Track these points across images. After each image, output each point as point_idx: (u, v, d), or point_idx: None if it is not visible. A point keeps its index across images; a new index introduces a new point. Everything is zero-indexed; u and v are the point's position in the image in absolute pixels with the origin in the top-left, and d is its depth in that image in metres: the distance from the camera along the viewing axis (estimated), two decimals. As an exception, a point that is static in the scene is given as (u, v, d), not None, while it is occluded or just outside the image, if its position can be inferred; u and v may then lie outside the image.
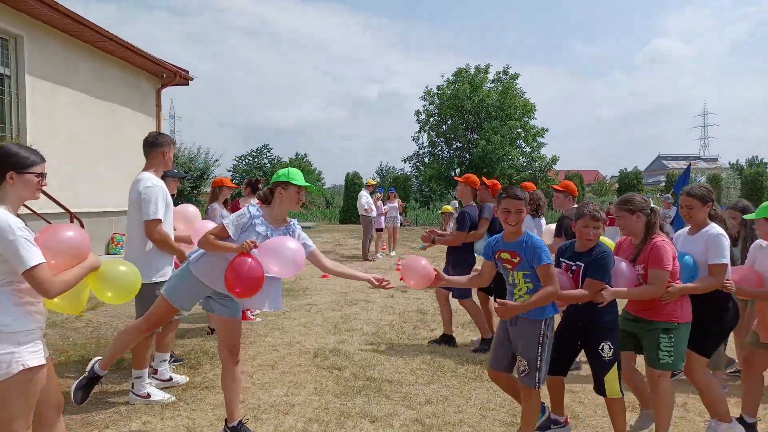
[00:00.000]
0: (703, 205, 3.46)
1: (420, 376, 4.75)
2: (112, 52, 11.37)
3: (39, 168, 2.40)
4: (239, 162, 47.66)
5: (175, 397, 4.09)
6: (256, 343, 5.70)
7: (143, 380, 4.01)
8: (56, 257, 2.41)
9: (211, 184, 6.25)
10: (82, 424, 3.63)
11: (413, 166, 35.34)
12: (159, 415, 3.81)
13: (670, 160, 59.44)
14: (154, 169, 4.07)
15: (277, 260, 3.16)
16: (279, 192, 3.39)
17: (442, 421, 3.82)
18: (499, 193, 3.29)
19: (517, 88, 32.27)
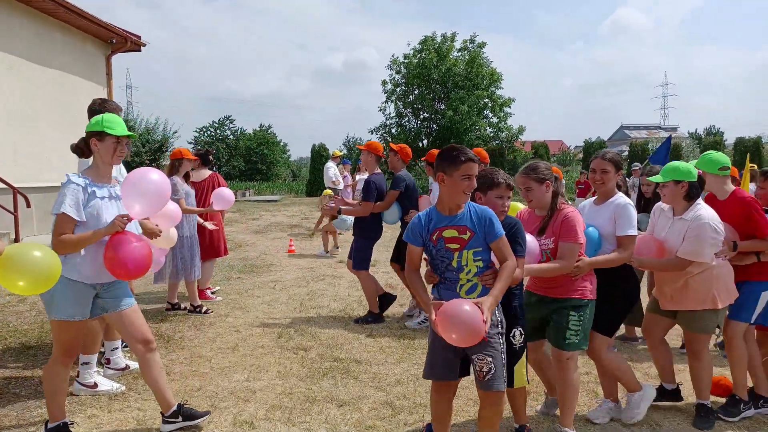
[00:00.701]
0: (616, 172, 3.25)
1: (390, 355, 4.55)
2: (55, 14, 10.50)
3: None
4: (200, 134, 46.15)
5: (125, 386, 3.77)
6: (216, 324, 5.39)
7: (91, 367, 3.67)
8: None
9: (170, 156, 5.79)
10: (17, 422, 3.29)
11: (381, 137, 34.87)
12: (106, 407, 3.49)
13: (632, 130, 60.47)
14: None
15: (145, 199, 2.95)
16: (94, 144, 2.95)
17: (413, 402, 3.63)
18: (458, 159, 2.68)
19: (484, 57, 31.96)
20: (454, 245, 2.63)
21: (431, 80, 31.42)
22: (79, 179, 2.87)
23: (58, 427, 2.97)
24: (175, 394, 3.69)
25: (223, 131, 46.66)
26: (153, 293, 6.64)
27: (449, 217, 2.66)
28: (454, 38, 31.95)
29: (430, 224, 2.68)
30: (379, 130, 34.70)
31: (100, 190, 2.92)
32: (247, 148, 43.45)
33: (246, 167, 42.25)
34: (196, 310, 5.68)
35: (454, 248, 2.63)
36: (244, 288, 7.06)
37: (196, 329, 5.18)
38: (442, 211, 2.68)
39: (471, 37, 32.04)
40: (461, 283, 2.66)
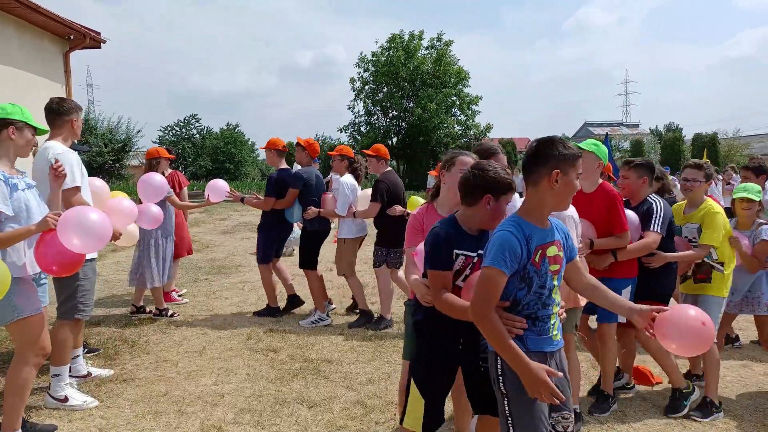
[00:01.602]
0: None
1: (361, 354, 4.53)
2: (8, 9, 10.10)
3: None
4: (165, 132, 45.22)
5: (97, 401, 3.56)
6: (183, 327, 5.26)
7: (62, 379, 3.50)
8: None
9: (146, 155, 5.63)
10: (-28, 434, 3.14)
11: (350, 136, 34.82)
12: (66, 416, 3.36)
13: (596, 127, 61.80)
14: (62, 138, 3.53)
15: (82, 234, 2.84)
16: (11, 133, 2.85)
17: (384, 401, 3.62)
18: None
19: (451, 55, 32.23)
20: (555, 266, 2.04)
21: (399, 78, 31.54)
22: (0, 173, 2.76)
23: None
24: (140, 400, 3.60)
25: (189, 130, 45.82)
26: (117, 296, 6.45)
27: (545, 230, 2.03)
28: (421, 36, 32.14)
29: (530, 241, 1.96)
30: (348, 128, 34.68)
31: (18, 182, 2.84)
32: (214, 147, 42.78)
33: (213, 166, 41.60)
34: (161, 314, 5.54)
35: (554, 270, 2.03)
36: (212, 290, 6.93)
37: (161, 333, 5.05)
38: (536, 222, 2.01)
39: (438, 35, 32.29)
40: (552, 322, 2.05)
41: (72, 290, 3.49)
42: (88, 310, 3.63)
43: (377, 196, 5.17)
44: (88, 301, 3.59)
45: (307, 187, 5.51)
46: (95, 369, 4.03)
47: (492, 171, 2.20)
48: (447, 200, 2.71)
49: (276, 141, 5.68)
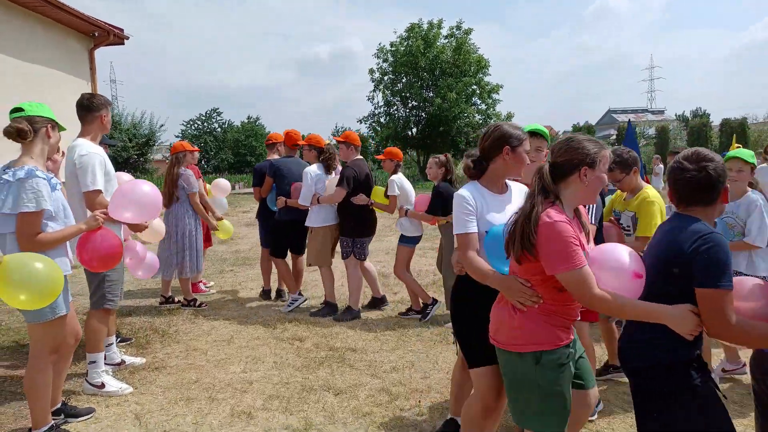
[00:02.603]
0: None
1: (385, 343, 4.59)
2: (34, 7, 10.33)
3: None
4: (187, 127, 45.79)
5: (131, 387, 3.69)
6: (211, 317, 5.40)
7: (98, 366, 3.63)
8: None
9: (171, 150, 5.73)
10: (15, 418, 3.29)
11: (369, 127, 34.81)
12: (104, 401, 3.50)
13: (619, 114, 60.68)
14: (92, 135, 3.62)
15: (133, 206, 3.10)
16: (48, 133, 2.88)
17: (408, 388, 3.68)
18: None
19: (471, 43, 31.90)
20: None
21: (419, 68, 31.35)
22: (41, 173, 2.77)
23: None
24: (172, 387, 3.72)
25: (211, 124, 46.31)
26: (146, 288, 6.62)
27: None
28: (440, 25, 31.87)
29: None
30: (367, 119, 34.63)
31: (55, 182, 2.87)
32: (235, 141, 43.18)
33: (235, 160, 42.02)
34: (189, 304, 5.68)
35: None
36: (238, 280, 7.06)
37: (190, 323, 5.19)
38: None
39: (457, 24, 31.97)
40: None
41: (99, 281, 3.60)
42: (116, 300, 3.73)
43: (342, 181, 5.15)
44: (115, 291, 3.69)
45: (276, 176, 5.64)
46: (128, 357, 4.17)
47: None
48: (575, 199, 2.09)
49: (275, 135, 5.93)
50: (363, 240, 5.32)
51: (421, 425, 3.19)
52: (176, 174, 5.48)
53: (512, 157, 2.39)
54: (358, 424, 3.21)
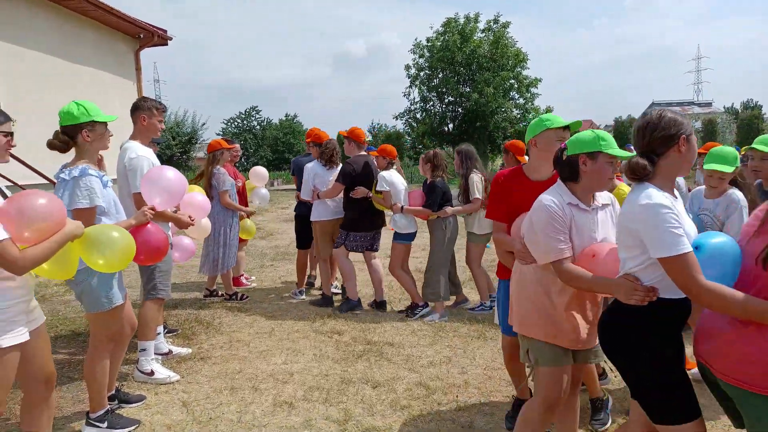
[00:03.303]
0: None
1: (422, 338, 4.63)
2: (84, 11, 10.77)
3: (5, 127, 2.35)
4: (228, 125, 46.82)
5: (178, 376, 3.85)
6: (252, 309, 5.55)
7: (148, 354, 3.81)
8: (25, 229, 2.13)
9: (208, 148, 5.88)
10: (73, 402, 3.49)
11: (405, 123, 34.76)
12: (153, 389, 3.67)
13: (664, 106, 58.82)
14: (139, 137, 3.77)
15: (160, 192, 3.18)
16: (86, 135, 2.88)
17: (446, 383, 3.71)
18: None
19: (509, 37, 31.42)
20: None
21: (455, 63, 31.08)
22: (93, 170, 2.89)
23: (100, 417, 3.08)
24: (217, 377, 3.86)
25: (250, 122, 47.20)
26: (190, 282, 6.85)
27: None
28: (477, 19, 31.48)
29: None
30: (403, 115, 34.57)
31: (106, 178, 2.98)
32: (274, 138, 43.89)
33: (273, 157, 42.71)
34: (231, 298, 5.85)
35: None
36: (277, 275, 7.23)
37: (233, 315, 5.35)
38: None
39: (495, 17, 31.52)
40: None
41: (151, 272, 3.77)
42: (167, 290, 3.89)
43: (339, 177, 5.31)
44: (165, 281, 3.86)
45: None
46: (175, 347, 4.35)
47: None
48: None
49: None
50: (358, 234, 5.39)
51: (459, 420, 3.22)
52: (210, 172, 5.63)
53: (688, 149, 2.01)
54: (396, 416, 3.26)
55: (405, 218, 5.26)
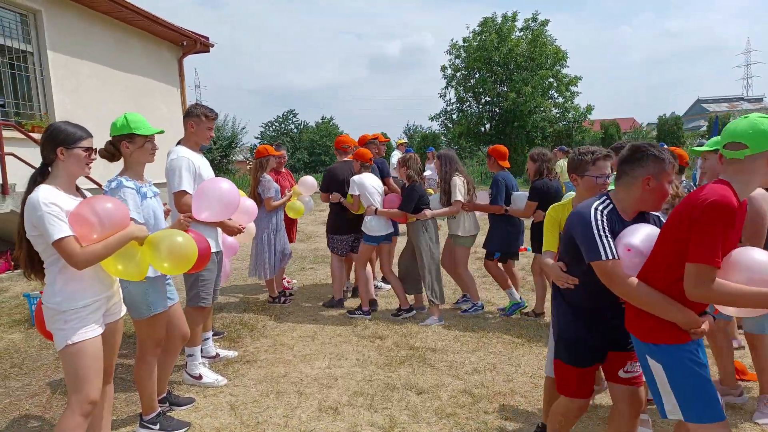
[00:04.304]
0: None
1: (465, 344, 4.58)
2: (131, 21, 11.14)
3: (86, 143, 2.49)
4: (266, 128, 47.62)
5: (225, 379, 3.92)
6: (295, 313, 5.61)
7: (195, 359, 3.91)
8: (94, 230, 2.35)
9: (255, 154, 5.97)
10: (126, 403, 3.60)
11: (441, 124, 34.62)
12: (201, 392, 3.75)
13: (710, 103, 56.53)
14: (188, 142, 3.86)
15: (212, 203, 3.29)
16: (125, 146, 2.93)
17: (491, 391, 3.66)
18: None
19: (548, 35, 30.87)
20: None
21: (492, 62, 30.74)
22: (129, 182, 2.93)
23: (153, 419, 3.17)
24: (263, 380, 3.91)
25: (287, 125, 47.87)
26: (235, 285, 6.98)
27: None
28: (515, 18, 31.06)
29: None
30: (439, 116, 34.43)
31: (147, 190, 3.03)
32: (310, 141, 44.38)
33: (310, 159, 43.18)
34: (275, 301, 5.93)
35: None
36: (318, 278, 7.28)
37: (276, 319, 5.42)
38: None
39: (533, 16, 31.03)
40: None
41: (194, 280, 3.82)
42: (209, 298, 3.91)
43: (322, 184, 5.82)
44: (207, 290, 3.88)
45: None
46: (222, 350, 4.43)
47: None
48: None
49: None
50: (337, 237, 5.71)
51: (506, 429, 3.17)
52: (257, 179, 5.72)
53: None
54: (441, 424, 3.23)
55: (376, 220, 5.33)
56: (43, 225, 2.28)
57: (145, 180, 3.09)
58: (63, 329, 2.37)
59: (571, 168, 2.95)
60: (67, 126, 2.49)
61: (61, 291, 2.38)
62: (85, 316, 2.41)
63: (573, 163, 2.93)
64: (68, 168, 2.46)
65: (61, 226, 2.29)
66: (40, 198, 2.31)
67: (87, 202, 2.41)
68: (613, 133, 30.90)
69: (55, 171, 2.46)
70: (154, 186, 3.19)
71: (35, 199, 2.31)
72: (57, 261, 2.38)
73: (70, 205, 2.37)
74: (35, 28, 9.14)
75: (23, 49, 9.00)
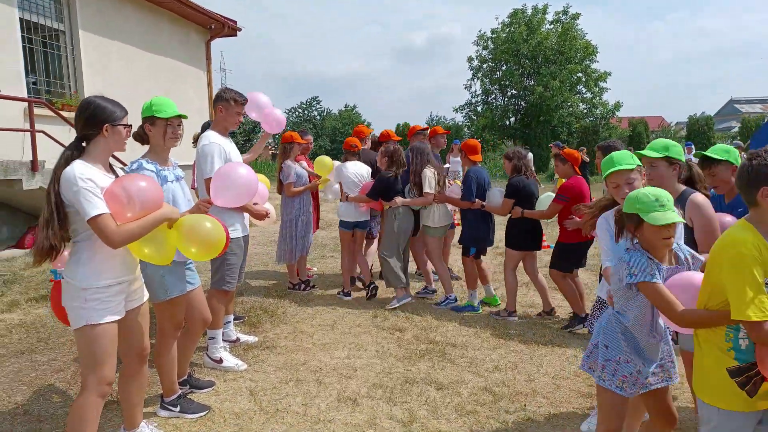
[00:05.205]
0: None
1: (485, 341, 4.52)
2: (161, 3, 11.19)
3: (126, 120, 2.50)
4: (289, 114, 47.72)
5: (245, 364, 3.94)
6: (314, 301, 5.61)
7: (217, 342, 3.92)
8: (128, 208, 2.33)
9: (281, 140, 5.97)
10: (149, 384, 3.62)
11: (465, 116, 34.28)
12: (222, 376, 3.76)
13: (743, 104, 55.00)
14: (218, 126, 3.84)
15: (231, 188, 3.20)
16: (147, 129, 2.92)
17: (512, 390, 3.60)
18: None
19: (578, 29, 30.27)
20: None
21: (520, 55, 30.31)
22: (150, 165, 2.91)
23: (173, 401, 3.20)
24: (283, 367, 3.92)
25: (310, 112, 47.93)
26: (255, 270, 7.01)
27: None
28: (545, 10, 30.52)
29: None
30: (464, 108, 34.11)
31: (168, 173, 3.01)
32: (333, 128, 44.42)
33: (332, 147, 43.22)
34: (295, 288, 5.94)
35: None
36: (338, 266, 7.26)
37: (296, 305, 5.43)
38: None
39: (564, 9, 30.44)
40: None
41: (219, 264, 3.84)
42: (234, 282, 3.96)
43: None
44: (233, 274, 3.92)
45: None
46: (243, 335, 4.45)
47: None
48: None
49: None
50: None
51: (528, 431, 3.11)
52: (281, 165, 5.73)
53: None
54: (461, 422, 3.19)
55: (346, 206, 5.66)
56: (78, 201, 2.25)
57: (169, 163, 3.07)
58: (83, 308, 2.35)
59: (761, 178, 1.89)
60: (108, 103, 2.46)
61: (84, 268, 2.36)
62: (105, 298, 2.39)
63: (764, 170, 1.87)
64: (108, 144, 2.44)
65: (98, 203, 2.26)
66: (76, 173, 2.27)
67: (122, 180, 2.39)
68: (641, 132, 30.27)
69: (92, 147, 2.43)
70: (179, 169, 3.17)
71: (71, 174, 2.27)
72: (88, 237, 2.36)
73: (105, 182, 2.35)
74: (68, 7, 9.23)
75: (56, 28, 9.10)
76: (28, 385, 3.63)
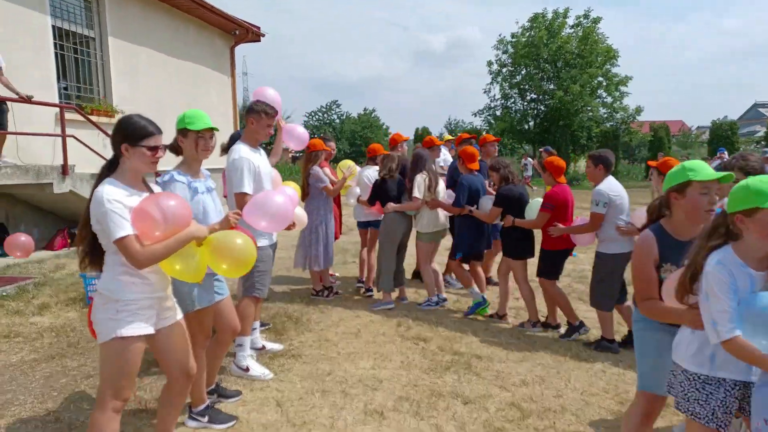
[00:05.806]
0: None
1: (511, 353, 4.49)
2: (188, 10, 11.36)
3: (153, 140, 2.42)
4: (309, 118, 48.04)
5: (272, 373, 3.95)
6: (338, 308, 5.63)
7: (244, 350, 3.94)
8: (156, 228, 2.32)
9: (308, 147, 5.96)
10: (177, 392, 3.66)
11: (484, 120, 34.16)
12: (249, 384, 3.79)
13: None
14: (248, 139, 3.85)
15: (266, 217, 3.25)
16: (180, 141, 2.95)
17: (541, 406, 3.56)
18: None
19: (599, 33, 29.97)
20: None
21: (540, 59, 30.12)
22: (181, 176, 2.93)
23: (201, 411, 3.22)
24: (308, 377, 3.93)
25: (330, 115, 48.18)
26: (279, 276, 7.05)
27: None
28: (566, 14, 30.30)
29: None
30: (483, 112, 34.00)
31: (199, 185, 3.02)
32: (352, 132, 44.58)
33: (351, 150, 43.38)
34: (318, 294, 5.96)
35: None
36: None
37: (320, 312, 5.45)
38: None
39: (585, 12, 30.19)
40: None
41: (250, 271, 3.86)
42: (264, 289, 3.99)
43: None
44: (264, 281, 3.96)
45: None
46: (269, 343, 4.47)
47: None
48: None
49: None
50: None
51: (557, 448, 3.08)
52: (307, 171, 5.73)
53: None
54: (490, 438, 3.17)
55: (359, 207, 6.26)
56: (105, 222, 2.27)
57: (201, 175, 3.09)
58: (114, 319, 2.34)
59: None
60: (136, 121, 2.44)
61: (116, 280, 2.37)
62: (135, 311, 2.37)
63: None
64: (132, 164, 2.43)
65: (123, 225, 2.27)
66: (105, 194, 2.28)
67: (151, 199, 2.38)
68: (662, 136, 29.84)
69: (121, 165, 2.44)
70: (211, 180, 3.19)
71: (100, 195, 2.29)
72: (118, 251, 2.36)
73: (133, 201, 2.35)
74: (98, 14, 9.42)
75: (86, 35, 9.28)
76: (59, 391, 3.69)
